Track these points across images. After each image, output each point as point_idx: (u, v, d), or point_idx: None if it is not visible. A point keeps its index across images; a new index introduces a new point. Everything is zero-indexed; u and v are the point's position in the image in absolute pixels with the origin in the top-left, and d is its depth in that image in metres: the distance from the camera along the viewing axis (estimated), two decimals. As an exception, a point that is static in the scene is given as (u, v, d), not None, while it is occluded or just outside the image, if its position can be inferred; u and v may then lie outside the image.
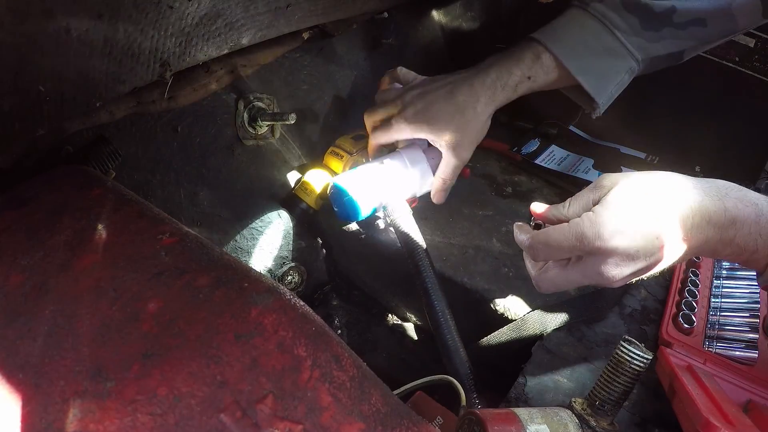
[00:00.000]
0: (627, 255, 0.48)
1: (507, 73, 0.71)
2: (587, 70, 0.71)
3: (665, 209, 0.48)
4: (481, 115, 0.73)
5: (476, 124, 0.73)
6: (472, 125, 0.73)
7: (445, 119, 0.72)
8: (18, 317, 0.40)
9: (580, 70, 0.70)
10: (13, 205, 0.50)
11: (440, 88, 0.74)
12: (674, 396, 0.54)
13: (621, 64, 0.71)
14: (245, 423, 0.35)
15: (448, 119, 0.72)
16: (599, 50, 0.70)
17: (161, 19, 0.52)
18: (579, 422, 0.49)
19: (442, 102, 0.72)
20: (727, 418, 0.47)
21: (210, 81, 0.76)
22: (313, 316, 0.43)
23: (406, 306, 0.93)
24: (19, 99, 0.46)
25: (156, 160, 0.76)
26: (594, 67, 0.71)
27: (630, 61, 0.72)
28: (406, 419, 0.40)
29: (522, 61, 0.71)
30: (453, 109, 0.72)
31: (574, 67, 0.70)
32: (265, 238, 0.90)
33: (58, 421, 0.34)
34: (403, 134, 0.76)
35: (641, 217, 0.48)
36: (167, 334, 0.38)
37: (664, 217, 0.48)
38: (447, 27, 1.18)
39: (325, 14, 0.76)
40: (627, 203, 0.49)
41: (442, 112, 0.72)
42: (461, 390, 0.66)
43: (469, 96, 0.72)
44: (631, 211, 0.48)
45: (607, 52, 0.70)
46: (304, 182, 0.92)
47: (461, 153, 0.75)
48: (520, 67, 0.71)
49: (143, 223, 0.49)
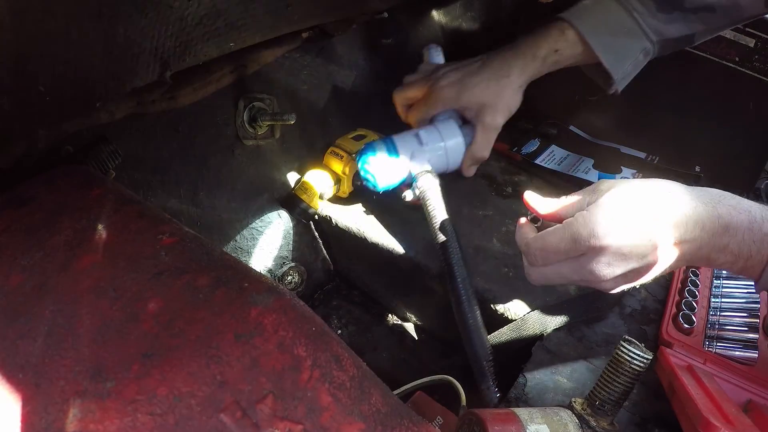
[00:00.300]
0: (620, 253, 0.48)
1: (535, 46, 0.76)
2: (606, 48, 0.75)
3: (659, 213, 0.48)
4: (514, 84, 0.77)
5: (509, 92, 0.77)
6: (505, 93, 0.77)
7: (479, 89, 0.76)
8: (18, 317, 0.40)
9: (600, 46, 0.74)
10: (13, 205, 0.50)
11: (472, 63, 0.79)
12: (674, 396, 0.54)
13: (637, 44, 0.76)
14: (245, 423, 0.35)
15: (482, 89, 0.76)
16: (618, 30, 0.74)
17: (161, 19, 0.52)
18: (579, 422, 0.49)
19: (476, 74, 0.77)
20: (727, 418, 0.47)
21: (210, 81, 0.76)
22: (313, 316, 0.43)
23: (406, 306, 0.93)
24: (19, 99, 0.46)
25: (156, 160, 0.76)
26: (613, 45, 0.75)
27: (645, 42, 0.76)
28: (406, 419, 0.40)
29: (549, 35, 0.76)
30: (486, 79, 0.76)
31: (595, 42, 0.74)
32: (265, 238, 0.90)
33: (58, 421, 0.34)
34: (438, 107, 0.79)
35: (635, 217, 0.48)
36: (167, 334, 0.38)
37: (658, 221, 0.48)
38: (447, 27, 1.18)
39: (325, 14, 0.76)
40: (622, 205, 0.49)
41: (475, 82, 0.76)
42: (461, 390, 0.66)
43: (501, 67, 0.77)
44: (625, 212, 0.48)
45: (625, 32, 0.74)
46: (304, 182, 0.92)
47: (495, 120, 0.78)
48: (548, 41, 0.76)
49: (143, 223, 0.49)
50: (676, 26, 0.75)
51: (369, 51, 1.05)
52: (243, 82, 0.82)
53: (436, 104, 0.79)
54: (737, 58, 0.97)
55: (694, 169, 1.04)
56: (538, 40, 0.76)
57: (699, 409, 0.47)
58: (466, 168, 0.82)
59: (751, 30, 0.95)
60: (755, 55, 0.96)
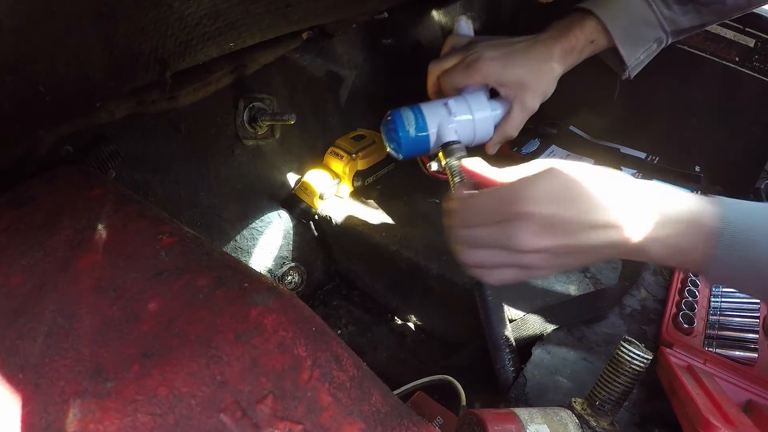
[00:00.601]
0: (548, 224, 0.46)
1: (574, 38, 0.78)
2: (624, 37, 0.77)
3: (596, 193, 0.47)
4: (553, 72, 0.78)
5: (548, 79, 0.79)
6: (545, 79, 0.78)
7: (523, 69, 0.77)
8: (18, 317, 0.40)
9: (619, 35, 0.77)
10: (13, 205, 0.50)
11: (516, 43, 0.80)
12: (674, 396, 0.54)
13: (652, 34, 0.78)
14: (245, 423, 0.35)
15: (527, 69, 0.77)
16: (637, 19, 0.76)
17: (161, 19, 0.52)
18: (579, 422, 0.49)
19: (522, 53, 0.78)
20: (727, 418, 0.47)
21: (210, 81, 0.76)
22: (313, 316, 0.43)
23: (406, 306, 0.93)
24: (19, 99, 0.46)
25: (156, 160, 0.76)
26: (630, 33, 0.77)
27: (660, 32, 0.78)
28: (406, 419, 0.40)
29: (585, 27, 0.77)
30: (530, 60, 0.78)
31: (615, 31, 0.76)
32: (265, 238, 0.90)
33: (58, 421, 0.34)
34: (476, 78, 0.78)
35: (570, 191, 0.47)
36: (167, 334, 0.38)
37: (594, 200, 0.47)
38: (447, 27, 1.18)
39: (325, 14, 0.76)
40: (559, 177, 0.48)
41: (518, 62, 0.77)
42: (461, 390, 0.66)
43: (545, 53, 0.78)
44: (561, 185, 0.47)
45: (643, 21, 0.77)
46: (304, 182, 0.92)
47: (532, 102, 0.79)
48: (584, 32, 0.77)
49: (143, 223, 0.49)
50: (689, 17, 0.77)
51: (369, 51, 1.05)
52: (243, 82, 0.82)
53: (475, 75, 0.78)
54: (737, 58, 0.97)
55: (694, 169, 1.04)
56: (576, 31, 0.78)
57: (699, 409, 0.47)
58: (492, 144, 0.82)
59: (751, 30, 0.95)
60: (755, 55, 0.96)
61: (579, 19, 0.78)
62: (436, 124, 0.75)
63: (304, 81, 0.95)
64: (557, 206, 0.46)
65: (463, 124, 0.76)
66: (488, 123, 0.78)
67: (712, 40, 0.98)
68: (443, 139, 0.75)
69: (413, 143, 0.75)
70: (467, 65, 0.78)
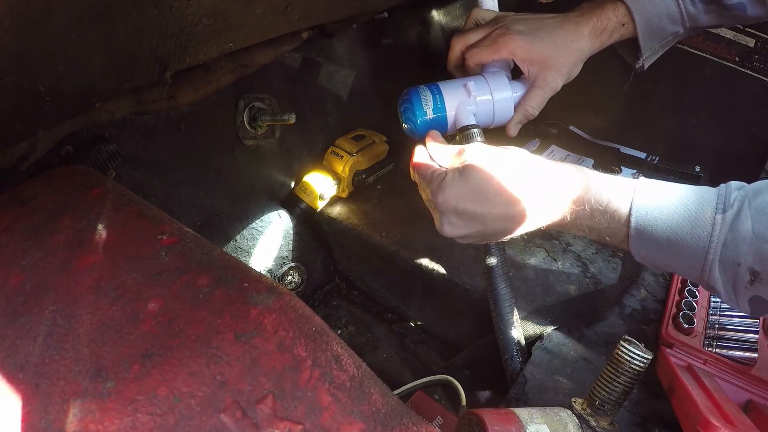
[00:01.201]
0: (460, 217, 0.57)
1: (606, 19, 0.77)
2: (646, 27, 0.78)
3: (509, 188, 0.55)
4: (581, 53, 0.78)
5: (575, 59, 0.78)
6: (571, 59, 0.77)
7: (552, 47, 0.76)
8: (18, 317, 0.40)
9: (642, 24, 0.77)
10: (13, 205, 0.50)
11: (547, 19, 0.78)
12: (674, 396, 0.54)
13: (672, 28, 0.79)
14: (245, 423, 0.35)
15: (556, 47, 0.76)
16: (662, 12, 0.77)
17: (161, 19, 0.52)
18: (579, 422, 0.49)
19: (552, 30, 0.77)
20: (727, 417, 0.47)
21: (210, 81, 0.76)
22: (313, 316, 0.43)
23: (406, 306, 0.93)
24: (19, 99, 0.46)
25: (156, 160, 0.76)
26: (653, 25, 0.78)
27: (680, 27, 0.78)
28: (406, 419, 0.40)
29: (617, 9, 0.77)
30: (559, 38, 0.77)
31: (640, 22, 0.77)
32: (265, 238, 0.90)
33: (58, 421, 0.34)
34: (503, 53, 0.77)
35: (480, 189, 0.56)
36: (167, 334, 0.38)
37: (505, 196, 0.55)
38: (447, 27, 1.18)
39: (325, 14, 0.76)
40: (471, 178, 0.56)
41: (547, 39, 0.76)
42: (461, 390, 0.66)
43: (574, 32, 0.77)
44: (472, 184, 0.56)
45: (667, 15, 0.77)
46: (304, 182, 0.92)
47: (555, 81, 0.78)
48: (617, 15, 0.77)
49: (143, 223, 0.49)
50: (710, 17, 0.77)
51: (369, 51, 1.05)
52: (243, 82, 0.82)
53: (502, 49, 0.76)
54: (737, 58, 0.97)
55: (694, 169, 1.04)
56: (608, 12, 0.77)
57: (699, 408, 0.47)
58: (513, 124, 0.80)
59: (751, 30, 0.95)
60: (755, 55, 0.96)
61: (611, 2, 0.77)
62: (454, 105, 0.73)
63: (304, 81, 0.95)
64: (471, 203, 0.56)
65: (483, 105, 0.74)
66: (509, 104, 0.76)
67: (712, 40, 0.98)
68: (461, 121, 0.72)
69: (430, 124, 0.72)
70: (494, 39, 0.76)
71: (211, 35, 0.59)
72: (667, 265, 0.54)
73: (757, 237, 0.48)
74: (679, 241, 0.51)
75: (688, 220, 0.51)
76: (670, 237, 0.52)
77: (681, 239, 0.51)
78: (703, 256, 0.50)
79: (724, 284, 0.50)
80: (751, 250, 0.48)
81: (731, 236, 0.49)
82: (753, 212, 0.49)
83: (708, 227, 0.50)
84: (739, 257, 0.48)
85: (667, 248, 0.52)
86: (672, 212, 0.52)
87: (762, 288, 0.48)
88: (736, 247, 0.49)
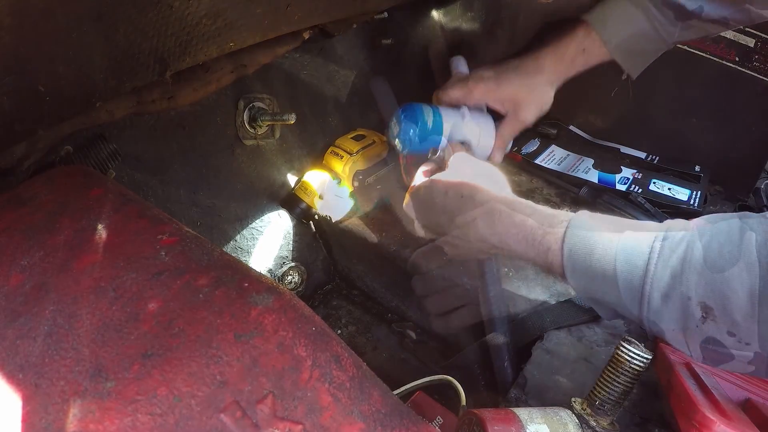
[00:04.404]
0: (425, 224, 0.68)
1: (564, 47, 0.82)
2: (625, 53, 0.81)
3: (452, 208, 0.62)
4: (545, 85, 0.83)
5: (540, 92, 0.84)
6: (537, 92, 0.84)
7: (513, 86, 0.83)
8: (18, 317, 0.40)
9: (619, 52, 0.81)
10: (13, 205, 0.50)
11: (509, 63, 0.85)
12: (671, 391, 0.54)
13: (653, 47, 0.82)
14: (245, 423, 0.35)
15: (517, 86, 0.83)
16: (638, 37, 0.80)
17: (161, 19, 0.52)
18: (579, 422, 0.49)
19: (512, 71, 0.84)
20: (724, 413, 0.47)
21: (210, 81, 0.75)
22: (313, 316, 0.43)
23: (406, 306, 0.93)
24: (19, 99, 0.46)
25: (156, 160, 0.76)
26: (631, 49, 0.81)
27: (661, 45, 0.82)
28: (406, 419, 0.40)
29: (576, 36, 0.81)
30: (521, 77, 0.83)
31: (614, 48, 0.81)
32: (265, 238, 0.90)
33: (58, 421, 0.34)
34: (476, 95, 0.84)
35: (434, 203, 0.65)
36: (167, 334, 0.38)
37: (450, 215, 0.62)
38: (447, 27, 1.18)
39: (325, 14, 0.76)
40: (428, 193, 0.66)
41: (511, 78, 0.83)
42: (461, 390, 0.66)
43: (534, 66, 0.83)
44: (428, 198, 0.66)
45: (643, 37, 0.80)
46: (304, 182, 0.92)
47: (525, 115, 0.84)
48: (575, 41, 0.82)
49: (143, 223, 0.49)
50: (692, 31, 0.79)
51: (369, 51, 1.05)
52: (243, 82, 0.82)
53: (473, 95, 0.84)
54: (737, 58, 0.97)
55: (694, 169, 1.04)
56: (567, 41, 0.82)
57: (696, 403, 0.47)
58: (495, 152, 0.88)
59: (751, 30, 0.95)
60: (755, 55, 0.96)
61: (571, 29, 0.82)
62: (449, 125, 0.81)
63: (304, 81, 0.95)
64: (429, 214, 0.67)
65: (472, 129, 0.83)
66: (487, 134, 0.85)
67: (712, 40, 0.98)
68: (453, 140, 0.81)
69: (426, 139, 0.80)
70: (469, 89, 0.85)
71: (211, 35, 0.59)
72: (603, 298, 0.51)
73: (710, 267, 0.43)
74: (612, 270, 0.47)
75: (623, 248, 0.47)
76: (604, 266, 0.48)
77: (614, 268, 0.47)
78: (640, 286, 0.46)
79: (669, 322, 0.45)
80: (703, 282, 0.43)
81: (679, 266, 0.44)
82: (705, 241, 0.44)
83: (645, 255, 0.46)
84: (689, 290, 0.44)
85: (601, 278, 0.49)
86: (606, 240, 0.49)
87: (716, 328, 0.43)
88: (686, 278, 0.44)
